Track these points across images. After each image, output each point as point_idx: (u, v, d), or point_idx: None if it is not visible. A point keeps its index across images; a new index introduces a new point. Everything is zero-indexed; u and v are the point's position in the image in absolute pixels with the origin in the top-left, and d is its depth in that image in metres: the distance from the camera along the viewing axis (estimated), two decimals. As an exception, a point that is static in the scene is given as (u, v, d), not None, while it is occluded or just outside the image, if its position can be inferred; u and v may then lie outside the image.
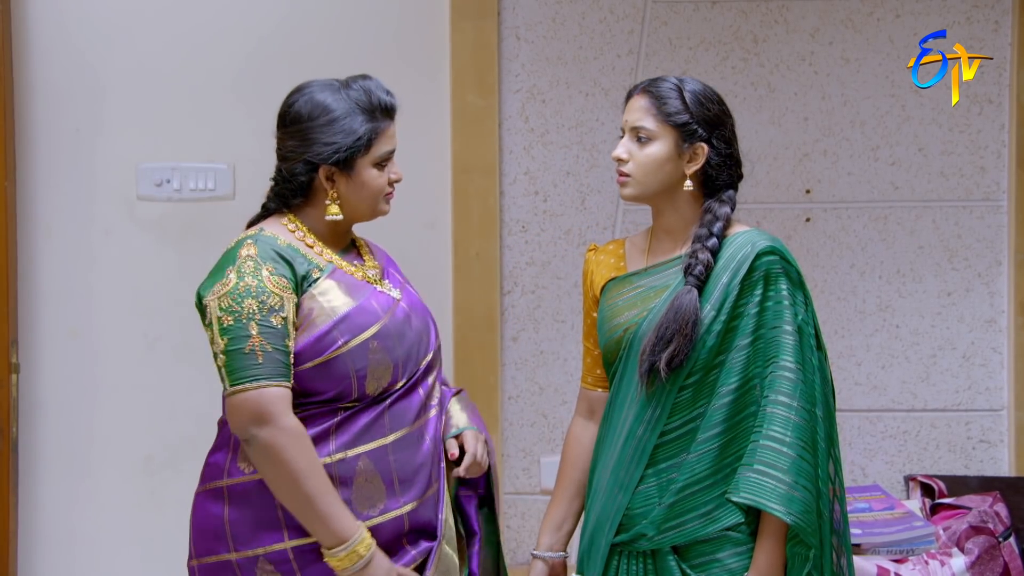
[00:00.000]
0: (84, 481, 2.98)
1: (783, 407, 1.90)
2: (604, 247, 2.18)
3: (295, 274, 1.93)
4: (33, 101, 2.92)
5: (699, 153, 2.00)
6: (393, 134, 2.06)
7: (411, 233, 2.98)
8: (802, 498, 1.87)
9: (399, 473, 1.97)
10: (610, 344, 2.06)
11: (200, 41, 2.97)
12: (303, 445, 1.87)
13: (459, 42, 2.97)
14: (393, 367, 1.98)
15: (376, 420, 1.96)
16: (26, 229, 2.92)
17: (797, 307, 1.97)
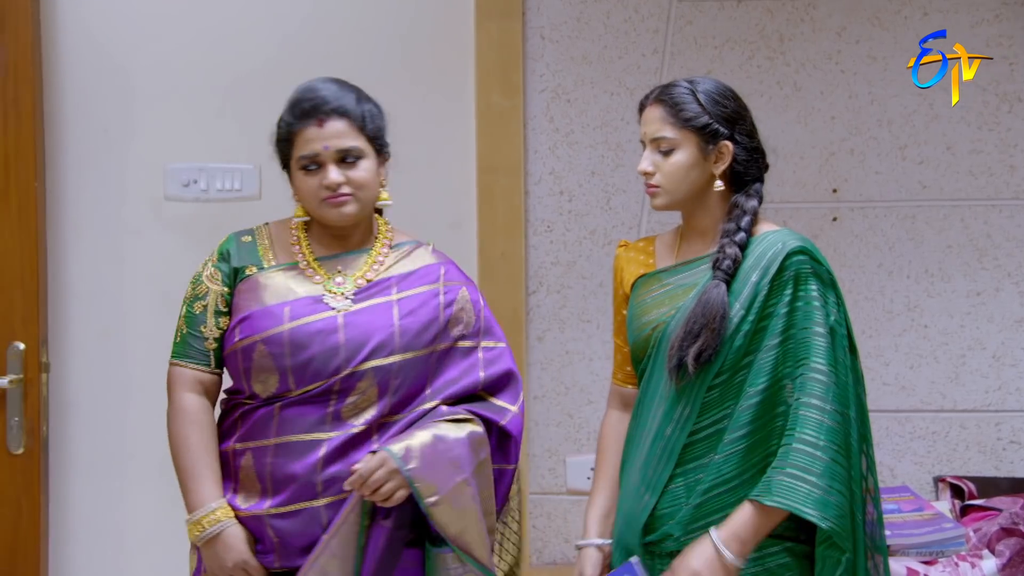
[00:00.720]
0: (114, 480, 3.00)
1: (816, 410, 1.87)
2: (635, 244, 2.18)
3: (232, 268, 2.06)
4: (62, 102, 2.95)
5: (724, 152, 2.00)
6: (315, 138, 2.02)
7: (437, 233, 2.91)
8: (836, 502, 1.84)
9: (274, 476, 1.99)
10: (638, 342, 2.06)
11: (226, 42, 2.99)
12: (182, 423, 2.02)
13: (484, 42, 2.98)
14: (280, 374, 1.99)
15: (265, 421, 2.00)
16: (55, 229, 2.95)
17: (829, 308, 1.94)
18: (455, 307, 2.09)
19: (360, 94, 2.10)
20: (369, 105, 2.09)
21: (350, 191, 2.02)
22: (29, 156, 2.81)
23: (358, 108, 2.06)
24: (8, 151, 2.80)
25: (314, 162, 2.02)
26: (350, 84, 2.12)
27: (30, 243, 2.81)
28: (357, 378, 1.99)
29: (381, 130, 2.10)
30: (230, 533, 1.98)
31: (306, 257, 2.07)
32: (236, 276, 2.06)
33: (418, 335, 2.04)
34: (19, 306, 2.81)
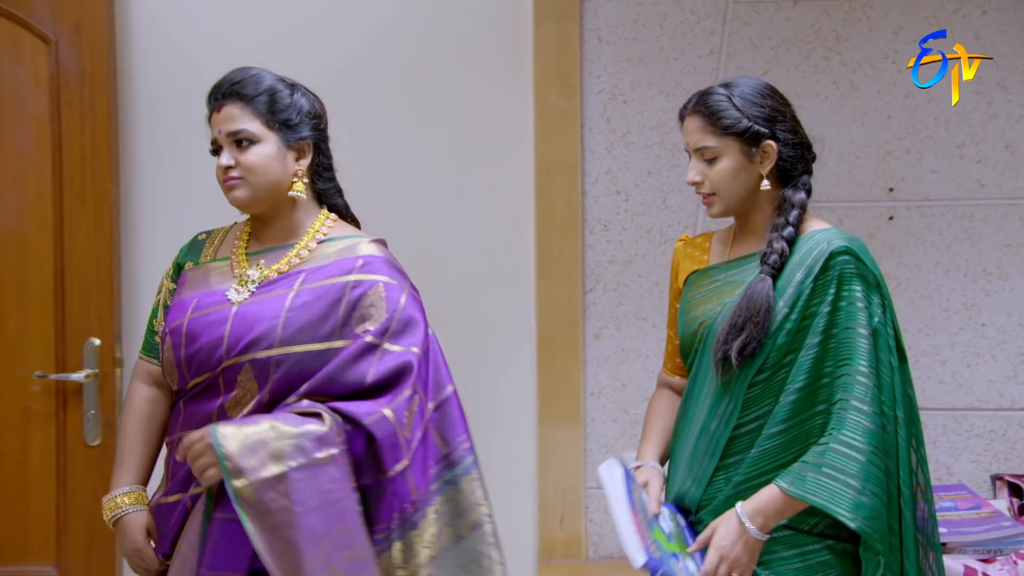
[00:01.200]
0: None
1: (855, 411, 1.86)
2: (693, 239, 2.18)
3: (178, 265, 2.11)
4: (136, 106, 3.00)
5: (769, 151, 1.99)
6: (217, 122, 1.99)
7: (495, 232, 3.04)
8: (870, 504, 1.84)
9: (172, 467, 2.01)
10: (686, 337, 2.07)
11: (294, 45, 3.02)
12: (127, 411, 2.09)
13: (542, 45, 3.00)
14: (177, 365, 1.97)
15: (175, 416, 2.02)
16: (129, 230, 3.00)
17: (872, 309, 1.91)
18: (362, 302, 1.93)
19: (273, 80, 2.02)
20: (282, 91, 2.01)
21: (238, 175, 1.96)
22: (104, 158, 2.88)
23: (256, 92, 1.98)
24: (85, 153, 2.87)
25: (216, 147, 2.00)
26: (267, 71, 2.04)
27: (105, 243, 2.88)
28: (236, 370, 1.90)
29: (290, 118, 2.00)
30: (127, 520, 2.02)
31: (238, 252, 2.04)
32: (178, 272, 2.09)
33: (307, 329, 1.91)
34: (95, 304, 2.88)
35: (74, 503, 2.89)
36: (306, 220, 2.04)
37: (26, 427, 2.89)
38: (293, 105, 2.01)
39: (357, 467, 1.87)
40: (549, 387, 3.03)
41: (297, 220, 2.03)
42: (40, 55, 2.86)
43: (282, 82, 2.04)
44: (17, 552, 2.91)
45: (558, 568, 2.97)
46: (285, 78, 2.07)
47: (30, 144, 2.88)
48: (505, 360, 3.06)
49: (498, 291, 3.06)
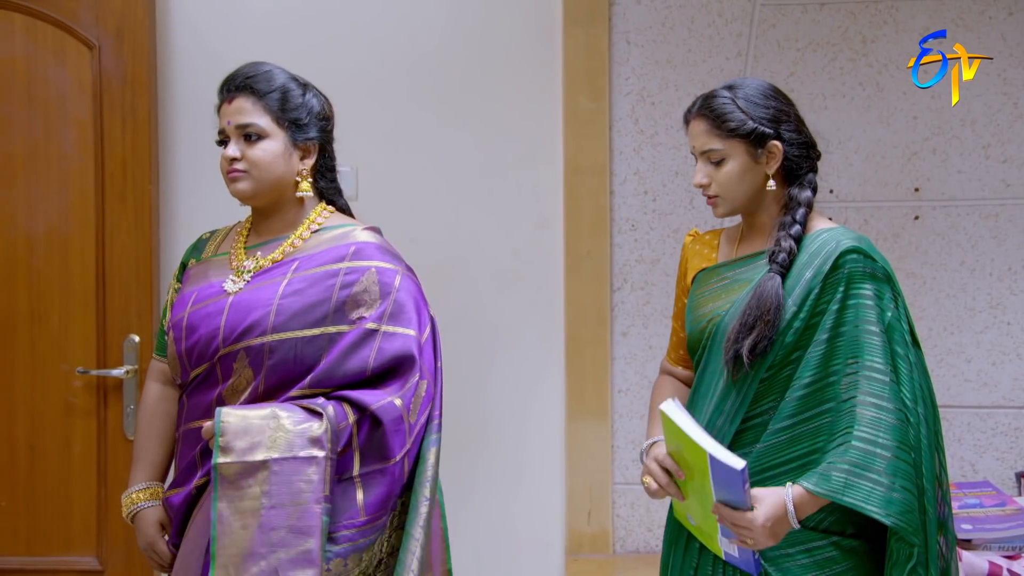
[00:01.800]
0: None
1: (873, 408, 1.84)
2: (702, 235, 2.19)
3: (183, 264, 2.14)
4: (174, 109, 3.04)
5: (775, 152, 1.99)
6: (223, 114, 2.01)
7: (524, 232, 3.07)
8: (902, 499, 1.82)
9: (179, 460, 2.03)
10: (694, 333, 2.07)
11: (328, 49, 3.05)
12: (141, 408, 2.13)
13: (571, 47, 3.01)
14: (179, 358, 1.99)
15: (180, 409, 2.04)
16: (168, 230, 3.04)
17: (885, 304, 1.90)
18: (355, 288, 1.94)
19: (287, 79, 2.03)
20: (294, 90, 2.02)
21: (243, 168, 1.97)
22: (145, 160, 2.92)
23: (269, 88, 1.99)
24: (126, 156, 2.92)
25: (223, 138, 2.00)
26: (280, 68, 2.05)
27: (145, 242, 2.93)
28: (232, 359, 1.92)
29: (300, 117, 2.02)
30: (141, 515, 2.06)
31: (237, 246, 2.06)
32: (183, 271, 2.13)
33: (301, 315, 1.92)
34: (134, 302, 2.93)
35: (114, 495, 2.94)
36: (303, 212, 2.06)
37: (68, 421, 2.94)
38: (304, 105, 2.02)
39: (362, 455, 1.87)
40: (577, 384, 3.04)
41: (297, 215, 2.05)
42: (83, 60, 2.91)
43: (294, 81, 2.04)
44: (59, 543, 2.96)
45: (585, 563, 2.97)
46: (298, 77, 2.07)
47: (73, 146, 2.93)
48: (534, 358, 3.08)
49: (527, 290, 3.08)
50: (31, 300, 2.95)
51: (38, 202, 2.95)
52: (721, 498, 1.84)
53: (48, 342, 2.95)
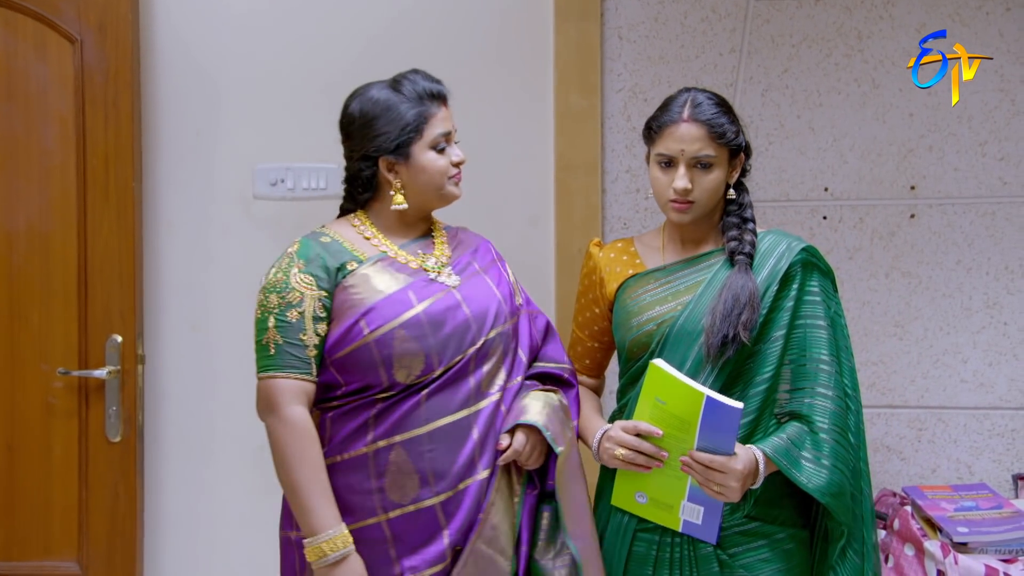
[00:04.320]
0: (204, 467, 3.07)
1: (821, 397, 2.04)
2: (611, 245, 2.27)
3: (328, 271, 2.04)
4: (157, 105, 3.03)
5: (740, 163, 2.14)
6: (446, 118, 2.12)
7: (515, 229, 3.04)
8: (838, 480, 2.01)
9: (432, 464, 2.00)
10: (640, 337, 2.13)
11: (311, 46, 3.04)
12: (297, 436, 1.97)
13: (562, 43, 3.01)
14: (425, 356, 2.01)
15: (412, 410, 2.01)
16: (150, 227, 3.03)
17: (829, 300, 2.10)
18: (512, 276, 2.25)
19: None
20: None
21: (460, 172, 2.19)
22: (127, 157, 2.90)
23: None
24: (108, 152, 2.90)
25: (447, 141, 2.12)
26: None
27: (128, 240, 2.91)
28: (489, 346, 2.08)
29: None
30: (352, 563, 1.96)
31: (390, 247, 2.11)
32: (337, 275, 2.05)
33: (509, 302, 2.18)
34: (117, 300, 2.91)
35: (95, 499, 2.92)
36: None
37: (49, 423, 2.92)
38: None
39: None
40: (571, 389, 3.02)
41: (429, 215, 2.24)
42: (65, 54, 2.90)
43: None
44: (39, 547, 2.94)
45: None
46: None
47: (55, 142, 2.91)
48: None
49: (517, 289, 3.09)
50: (11, 299, 2.93)
51: (18, 198, 2.93)
52: (704, 445, 1.96)
53: (29, 342, 2.93)
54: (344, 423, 2.03)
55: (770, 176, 2.97)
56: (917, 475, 3.00)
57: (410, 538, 2.00)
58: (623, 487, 2.10)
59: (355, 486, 2.00)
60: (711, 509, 2.02)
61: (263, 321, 2.02)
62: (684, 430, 1.98)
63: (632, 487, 2.08)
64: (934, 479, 2.99)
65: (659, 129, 2.12)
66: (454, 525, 2.01)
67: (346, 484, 2.00)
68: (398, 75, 2.14)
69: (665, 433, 2.01)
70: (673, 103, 2.13)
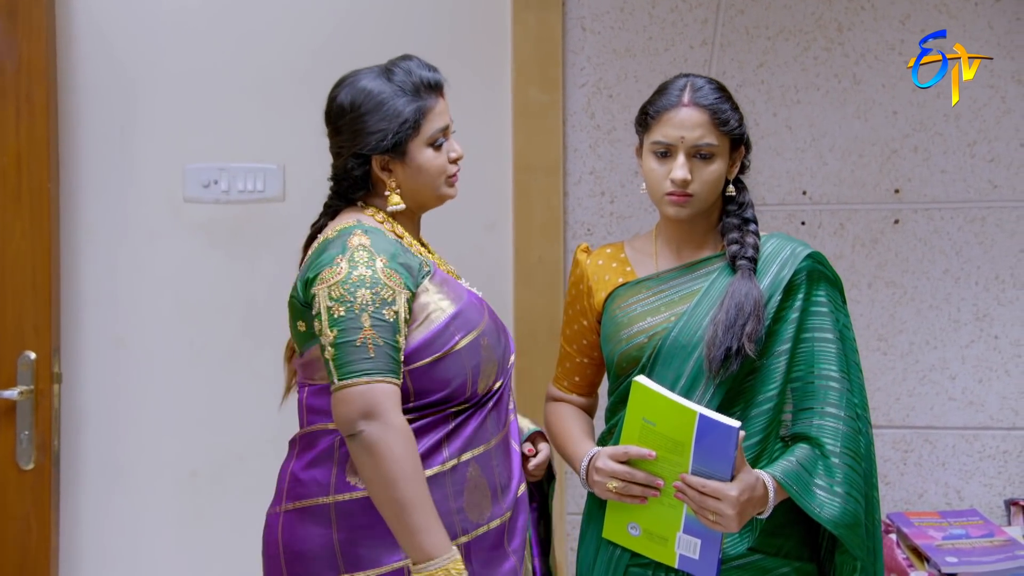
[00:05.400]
0: (127, 497, 3.03)
1: (832, 418, 1.99)
2: (600, 251, 2.22)
3: (409, 268, 1.96)
4: (76, 99, 2.97)
5: (740, 156, 2.11)
6: (444, 110, 2.08)
7: (469, 236, 3.01)
8: (853, 510, 1.96)
9: (500, 478, 2.02)
10: (630, 351, 2.08)
11: (248, 37, 3.01)
12: (410, 447, 1.88)
13: (521, 34, 2.99)
14: (498, 365, 2.04)
15: (483, 423, 2.01)
16: (68, 233, 2.98)
17: (837, 311, 2.06)
18: None
19: None
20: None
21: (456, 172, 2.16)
22: (43, 155, 2.82)
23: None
24: (21, 150, 2.81)
25: (444, 136, 2.08)
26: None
27: (43, 247, 2.83)
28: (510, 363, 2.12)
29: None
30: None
31: (416, 245, 2.08)
32: (419, 275, 1.99)
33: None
34: (30, 314, 2.82)
35: (4, 532, 2.82)
36: None
37: (-46, 449, 2.82)
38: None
39: None
40: (528, 403, 2.94)
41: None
42: (-31, 40, 2.81)
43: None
44: (-60, 582, 2.84)
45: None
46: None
47: (-42, 137, 2.81)
48: (480, 374, 3.06)
49: (473, 300, 3.06)
50: (-90, 311, 2.83)
51: (-83, 200, 2.83)
52: (700, 468, 1.90)
53: (-69, 358, 2.83)
54: (419, 439, 1.94)
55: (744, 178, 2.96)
56: (903, 500, 2.99)
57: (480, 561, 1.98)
58: (614, 518, 2.05)
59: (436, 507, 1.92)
60: (709, 541, 1.94)
61: (354, 319, 1.90)
62: (678, 452, 1.92)
63: (624, 518, 2.02)
64: (921, 505, 2.99)
65: (656, 115, 2.07)
66: (514, 544, 2.03)
67: None
68: (390, 62, 2.09)
69: (658, 456, 1.95)
70: (671, 87, 2.08)
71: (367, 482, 1.89)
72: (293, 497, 1.99)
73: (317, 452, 1.99)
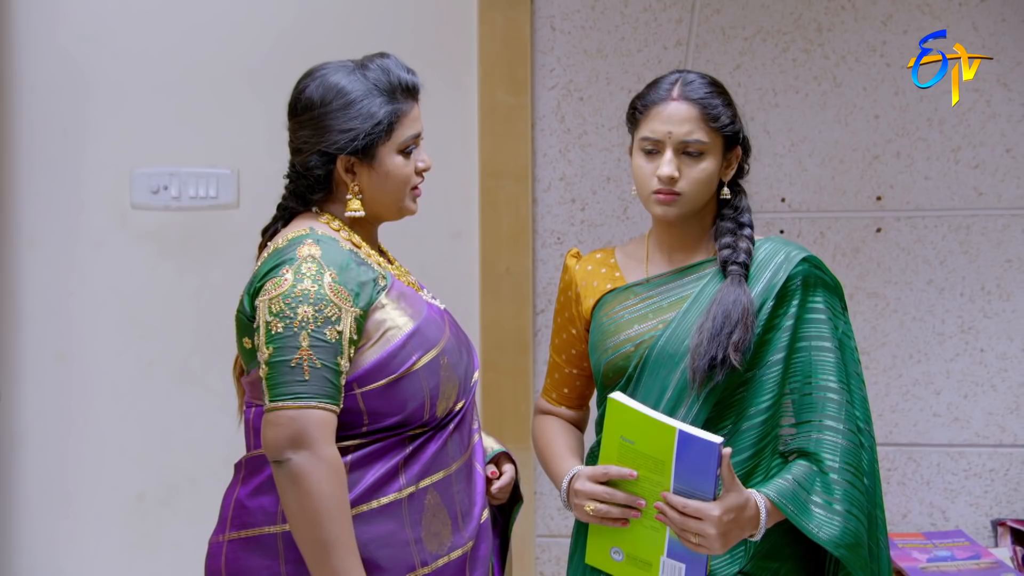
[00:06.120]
0: (69, 521, 3.01)
1: (831, 431, 1.95)
2: (590, 256, 2.19)
3: (362, 284, 1.89)
4: (16, 100, 2.96)
5: (736, 157, 2.07)
6: (417, 116, 2.03)
7: (434, 245, 3.01)
8: (854, 529, 1.92)
9: (462, 505, 1.97)
10: (616, 360, 2.05)
11: (202, 35, 3.00)
12: (339, 483, 1.82)
13: (487, 33, 2.99)
14: (459, 385, 1.98)
15: (443, 447, 1.95)
16: (7, 241, 2.97)
17: (836, 319, 2.02)
18: None
19: None
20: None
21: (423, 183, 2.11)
22: None
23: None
24: None
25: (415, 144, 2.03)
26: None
27: None
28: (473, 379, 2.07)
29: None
30: None
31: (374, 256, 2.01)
32: (372, 292, 1.91)
33: None
34: None
35: None
36: None
37: None
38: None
39: None
40: (494, 421, 2.96)
41: None
42: None
43: None
44: None
45: (505, 628, 2.92)
46: None
47: None
48: (445, 390, 3.05)
49: (437, 312, 3.05)
50: None
51: None
52: (681, 487, 1.86)
53: None
54: (372, 465, 1.89)
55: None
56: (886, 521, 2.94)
57: None
58: (597, 542, 1.99)
59: (389, 538, 1.88)
60: (694, 566, 1.89)
61: (292, 337, 1.82)
62: (659, 471, 1.88)
63: (607, 542, 1.97)
64: (905, 526, 2.98)
65: (644, 110, 2.04)
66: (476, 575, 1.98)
67: (376, 537, 1.88)
68: (366, 58, 2.02)
69: (639, 476, 1.91)
70: (662, 81, 2.05)
71: (289, 515, 1.82)
72: (238, 525, 1.92)
73: (264, 478, 1.91)
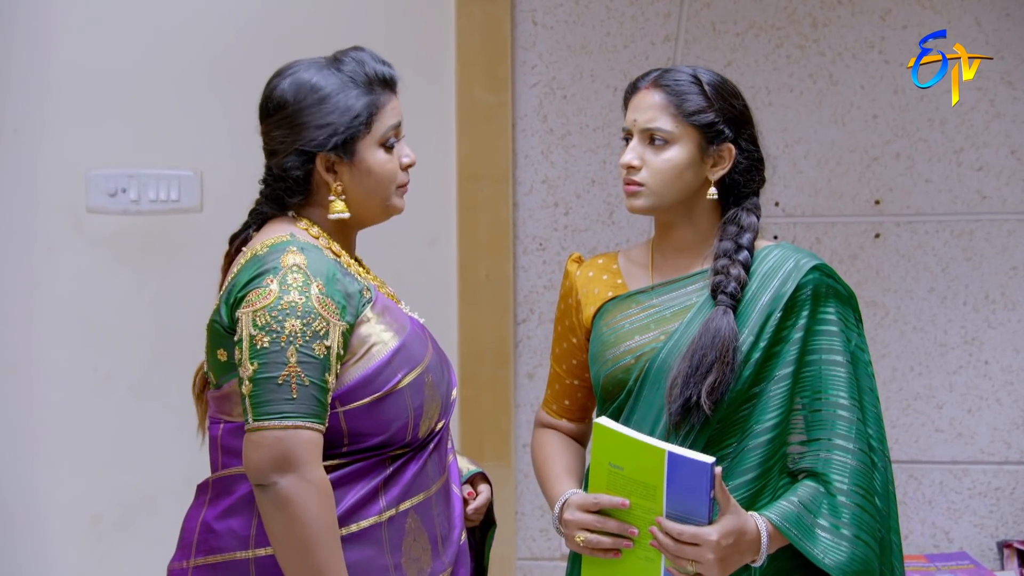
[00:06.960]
0: (20, 546, 2.99)
1: (840, 451, 1.93)
2: (592, 261, 2.17)
3: (349, 296, 1.85)
4: None
5: (725, 156, 2.01)
6: (397, 107, 2.00)
7: (410, 251, 2.98)
8: (863, 555, 1.89)
9: (441, 528, 1.95)
10: (616, 373, 2.03)
11: (163, 30, 2.97)
12: (328, 507, 1.80)
13: (465, 28, 2.98)
14: (441, 404, 1.97)
15: (423, 468, 1.94)
16: None
17: (849, 331, 1.99)
18: None
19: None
20: None
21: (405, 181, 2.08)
22: None
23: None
24: None
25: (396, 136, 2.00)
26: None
27: None
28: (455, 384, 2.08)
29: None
30: None
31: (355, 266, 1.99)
32: (359, 304, 1.88)
33: None
34: None
35: None
36: None
37: None
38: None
39: None
40: (473, 436, 2.98)
41: None
42: None
43: None
44: None
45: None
46: None
47: None
48: (421, 405, 3.03)
49: (413, 321, 3.02)
50: None
51: None
52: (675, 512, 1.84)
53: None
54: (351, 486, 1.87)
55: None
56: (886, 542, 2.97)
57: None
58: (591, 573, 1.97)
59: (367, 564, 1.86)
60: None
61: (279, 353, 1.79)
62: (651, 497, 1.85)
63: (600, 573, 1.95)
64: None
65: (625, 101, 2.04)
66: None
67: (354, 563, 1.84)
68: (339, 52, 2.00)
69: (632, 503, 1.88)
70: (651, 72, 2.04)
71: (275, 541, 1.78)
72: (205, 551, 1.86)
73: (234, 499, 1.86)
